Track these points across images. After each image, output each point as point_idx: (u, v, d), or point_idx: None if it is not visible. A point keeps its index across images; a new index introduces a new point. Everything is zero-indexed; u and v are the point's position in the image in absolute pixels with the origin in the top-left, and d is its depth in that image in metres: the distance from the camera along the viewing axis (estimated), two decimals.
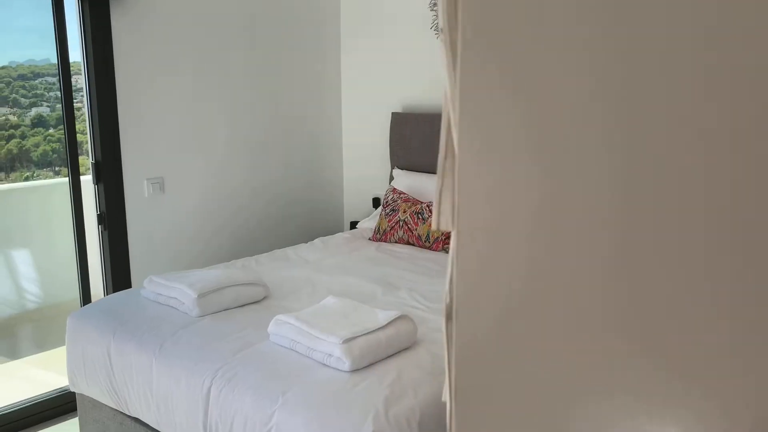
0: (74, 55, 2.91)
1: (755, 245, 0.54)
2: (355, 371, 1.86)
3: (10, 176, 3.17)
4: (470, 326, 0.57)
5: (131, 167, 3.11)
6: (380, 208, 3.53)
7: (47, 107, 3.17)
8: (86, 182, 3.03)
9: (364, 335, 1.92)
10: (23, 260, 3.25)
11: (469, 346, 0.57)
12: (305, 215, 4.01)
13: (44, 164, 3.25)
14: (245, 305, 2.40)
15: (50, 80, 3.14)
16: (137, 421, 2.28)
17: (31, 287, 3.29)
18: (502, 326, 0.57)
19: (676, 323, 0.56)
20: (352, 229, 3.87)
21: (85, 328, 2.40)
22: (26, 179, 3.24)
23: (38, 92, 3.13)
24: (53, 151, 3.23)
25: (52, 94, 3.16)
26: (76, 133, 2.93)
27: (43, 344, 3.41)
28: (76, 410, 2.85)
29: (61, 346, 3.30)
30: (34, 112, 3.13)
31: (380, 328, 1.97)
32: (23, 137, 3.11)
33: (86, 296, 3.07)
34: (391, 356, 1.96)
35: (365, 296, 2.49)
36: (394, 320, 2.01)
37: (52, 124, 3.17)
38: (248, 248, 3.68)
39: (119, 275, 3.11)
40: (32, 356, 3.39)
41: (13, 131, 3.09)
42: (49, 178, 3.29)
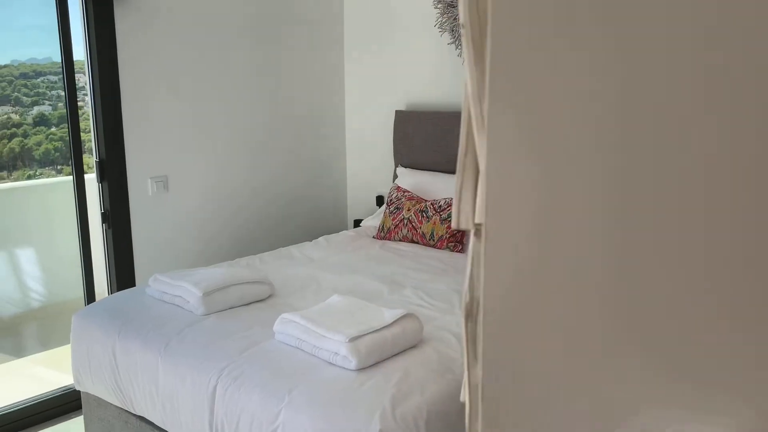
0: (77, 53, 2.90)
1: None
2: (361, 370, 1.86)
3: (12, 175, 3.17)
4: (499, 326, 0.56)
5: (135, 165, 3.11)
6: (384, 206, 3.52)
7: (49, 106, 3.16)
8: (90, 181, 3.03)
9: (370, 334, 1.92)
10: (27, 259, 3.25)
11: (497, 346, 0.57)
12: (309, 213, 4.01)
13: (46, 163, 3.25)
14: (250, 303, 2.40)
15: (52, 79, 3.14)
16: (142, 419, 2.28)
17: (34, 285, 3.29)
18: (531, 326, 0.56)
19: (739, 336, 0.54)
20: (355, 227, 3.87)
21: (90, 326, 2.40)
22: (29, 178, 3.23)
23: (40, 91, 3.12)
24: (55, 149, 3.22)
25: (54, 92, 3.15)
26: (80, 131, 2.93)
27: (47, 343, 3.42)
28: (81, 409, 2.85)
29: (65, 344, 3.30)
30: (36, 110, 3.12)
31: (386, 326, 1.97)
32: (25, 136, 3.11)
33: (90, 295, 3.07)
34: (397, 355, 1.95)
35: (371, 295, 2.49)
36: (400, 318, 2.01)
37: (54, 122, 3.17)
38: (252, 246, 3.68)
39: (123, 273, 3.11)
40: (36, 355, 3.39)
41: (15, 130, 3.09)
42: (51, 176, 3.28)
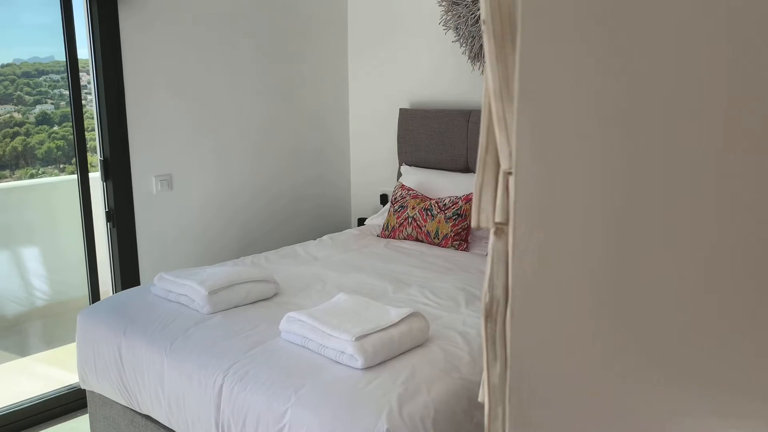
0: (81, 52, 2.90)
1: None
2: (367, 369, 1.86)
3: (15, 174, 3.17)
4: (526, 326, 0.55)
5: (139, 164, 3.11)
6: (388, 204, 3.52)
7: (52, 105, 3.16)
8: (94, 179, 3.03)
9: (376, 332, 1.92)
10: (31, 257, 3.25)
11: (524, 347, 0.56)
12: (313, 212, 4.01)
13: (49, 162, 3.24)
14: (256, 302, 2.40)
15: (54, 78, 3.14)
16: (148, 418, 2.28)
17: (39, 284, 3.29)
18: (559, 327, 0.55)
19: None
20: (359, 225, 3.86)
21: (95, 325, 2.39)
22: (31, 177, 3.23)
23: (42, 90, 3.12)
24: (58, 148, 3.22)
25: (56, 91, 3.15)
26: (84, 130, 2.93)
27: (51, 341, 3.42)
28: (86, 407, 2.86)
29: (69, 343, 3.30)
30: (38, 109, 3.12)
31: (392, 325, 1.96)
32: (28, 135, 3.11)
33: (95, 293, 3.07)
34: (403, 353, 1.95)
35: (376, 293, 2.48)
36: (406, 317, 2.00)
37: (56, 121, 3.17)
38: (256, 245, 3.68)
39: (128, 272, 3.11)
40: (41, 353, 3.39)
41: (17, 129, 3.08)
42: (53, 175, 3.28)
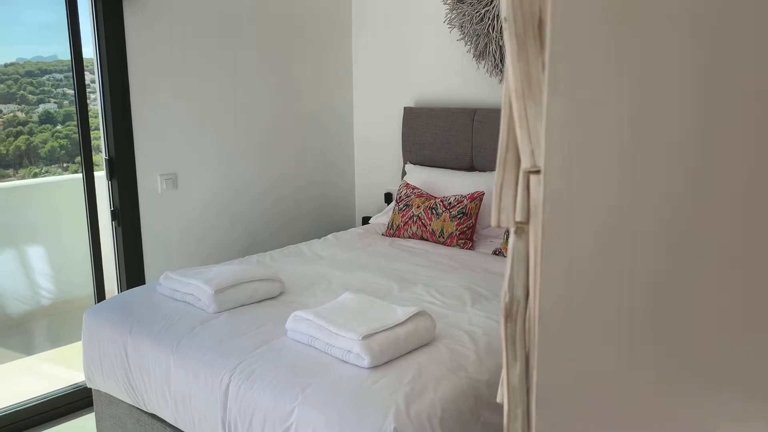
0: (85, 51, 2.90)
1: None
2: (374, 368, 1.85)
3: (18, 173, 3.17)
4: (555, 328, 0.55)
5: (144, 163, 3.11)
6: (393, 203, 3.51)
7: (55, 104, 3.16)
8: (98, 178, 3.03)
9: (383, 331, 1.91)
10: (35, 256, 3.25)
11: (553, 348, 0.55)
12: (317, 211, 4.01)
13: (52, 161, 3.25)
14: (262, 301, 2.40)
15: (57, 77, 3.14)
16: (154, 417, 2.28)
17: (44, 283, 3.30)
18: (590, 328, 0.55)
19: None
20: (364, 224, 3.86)
21: (101, 324, 2.40)
22: (35, 176, 3.24)
23: (46, 89, 3.12)
24: (61, 147, 3.23)
25: (59, 90, 3.16)
26: (89, 129, 2.93)
27: (57, 340, 3.42)
28: (91, 406, 2.86)
29: (74, 342, 3.30)
30: (41, 108, 3.13)
31: (399, 324, 1.96)
32: (31, 134, 3.11)
33: (100, 292, 3.07)
34: (410, 352, 1.95)
35: (381, 292, 2.48)
36: (412, 316, 2.00)
37: (59, 120, 3.17)
38: (261, 244, 3.68)
39: (133, 271, 3.11)
40: (46, 352, 3.40)
41: (21, 128, 3.09)
42: (57, 174, 3.29)
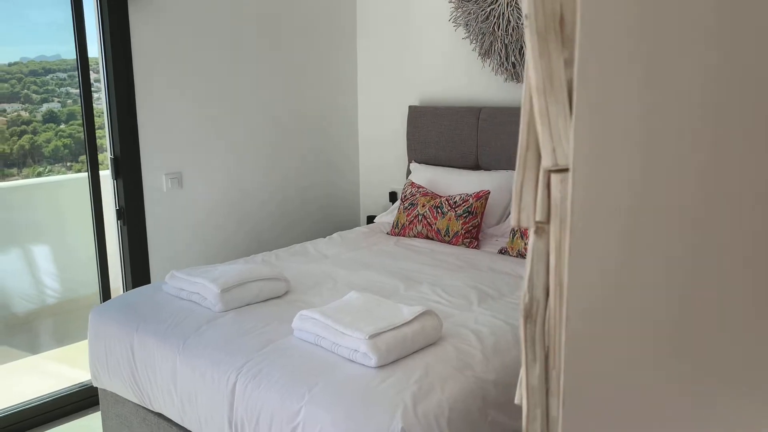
0: (90, 50, 2.90)
1: None
2: (381, 367, 1.85)
3: (22, 172, 3.18)
4: (584, 330, 0.54)
5: (150, 162, 3.11)
6: (398, 202, 3.51)
7: (58, 103, 3.17)
8: (104, 177, 3.03)
9: (390, 331, 1.91)
10: (40, 255, 3.26)
11: (582, 351, 0.55)
12: (321, 209, 4.00)
13: (56, 160, 3.25)
14: (267, 300, 2.40)
15: (61, 76, 3.14)
16: (160, 416, 2.28)
17: (49, 282, 3.30)
18: (620, 330, 0.54)
19: None
20: (368, 223, 3.86)
21: (107, 323, 2.40)
22: (38, 175, 3.24)
23: (49, 88, 3.13)
24: (65, 146, 3.23)
25: (63, 89, 3.16)
26: (95, 128, 2.93)
27: (62, 339, 3.43)
28: (97, 405, 2.86)
29: (80, 340, 3.31)
30: (45, 107, 3.13)
31: (405, 323, 1.96)
32: (35, 133, 3.11)
33: (106, 291, 3.08)
34: (416, 352, 1.94)
35: (387, 291, 2.48)
36: (419, 315, 2.00)
37: (63, 119, 3.17)
38: (266, 243, 3.68)
39: (138, 270, 3.12)
40: (52, 351, 3.40)
41: (24, 127, 3.09)
42: (61, 173, 3.29)
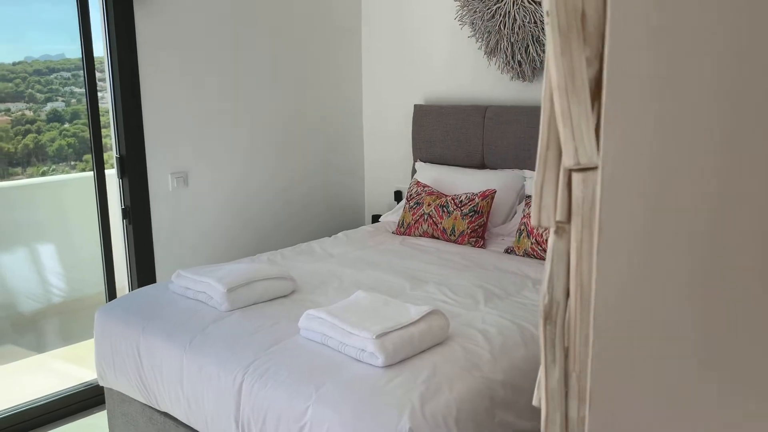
0: (95, 50, 2.91)
1: None
2: (388, 367, 1.85)
3: (26, 171, 3.18)
4: (611, 330, 0.53)
5: (155, 161, 3.11)
6: (403, 201, 3.50)
7: (62, 102, 3.17)
8: (109, 176, 3.03)
9: (397, 330, 1.91)
10: (46, 254, 3.26)
11: (609, 352, 0.54)
12: (327, 209, 4.00)
13: (60, 159, 3.26)
14: (274, 299, 2.39)
15: (65, 75, 3.15)
16: (167, 415, 2.28)
17: (54, 281, 3.31)
18: (648, 331, 0.53)
19: None
20: (373, 222, 3.85)
21: (113, 322, 2.40)
22: (43, 174, 3.25)
23: (54, 87, 3.13)
24: (69, 145, 3.24)
25: (67, 89, 3.16)
26: (101, 127, 2.93)
27: (68, 338, 3.43)
28: (103, 404, 2.86)
29: (85, 339, 3.31)
30: (49, 107, 3.13)
31: (412, 323, 1.95)
32: (39, 132, 3.12)
33: (111, 290, 3.08)
34: (423, 352, 1.94)
35: (393, 291, 2.47)
36: (426, 315, 1.99)
37: (67, 118, 3.18)
38: (271, 242, 3.68)
39: (144, 269, 3.12)
40: (57, 350, 3.41)
41: (29, 126, 3.09)
42: (65, 173, 3.30)
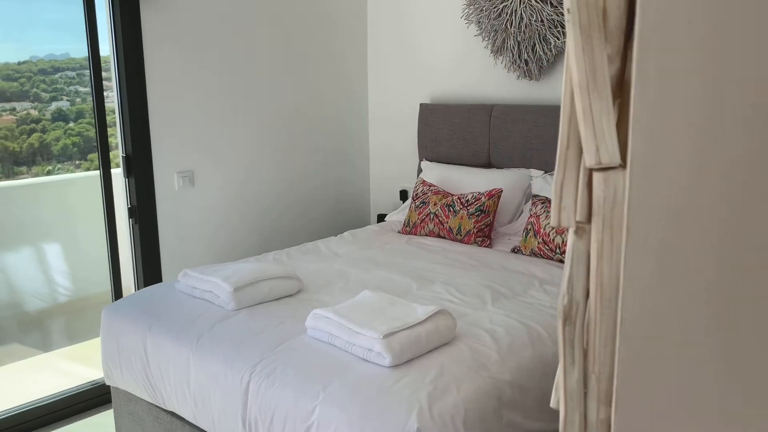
0: (101, 49, 2.91)
1: None
2: (395, 366, 1.84)
3: (32, 170, 3.19)
4: (638, 332, 0.53)
5: (161, 160, 3.11)
6: (409, 200, 3.50)
7: (67, 101, 3.18)
8: (115, 176, 3.04)
9: (404, 330, 1.90)
10: (51, 253, 3.26)
11: (636, 354, 0.54)
12: (332, 208, 4.00)
13: (65, 158, 3.26)
14: (280, 299, 2.39)
15: (70, 74, 3.15)
16: (173, 415, 2.28)
17: (60, 280, 3.31)
18: (676, 332, 0.53)
19: None
20: (379, 222, 3.84)
21: (120, 321, 2.40)
22: (48, 173, 3.25)
23: (58, 86, 3.13)
24: (73, 144, 3.24)
25: (71, 88, 3.17)
26: (107, 127, 2.94)
27: (74, 337, 3.43)
28: (109, 403, 2.87)
29: (91, 338, 3.32)
30: (54, 106, 3.14)
31: (420, 322, 1.95)
32: (44, 131, 3.12)
33: (117, 290, 3.08)
34: (431, 351, 1.93)
35: (400, 290, 2.46)
36: (433, 315, 1.99)
37: (72, 118, 3.18)
38: (277, 241, 3.68)
39: (150, 268, 3.12)
40: (63, 349, 3.41)
41: (34, 125, 3.10)
42: (69, 171, 3.30)
